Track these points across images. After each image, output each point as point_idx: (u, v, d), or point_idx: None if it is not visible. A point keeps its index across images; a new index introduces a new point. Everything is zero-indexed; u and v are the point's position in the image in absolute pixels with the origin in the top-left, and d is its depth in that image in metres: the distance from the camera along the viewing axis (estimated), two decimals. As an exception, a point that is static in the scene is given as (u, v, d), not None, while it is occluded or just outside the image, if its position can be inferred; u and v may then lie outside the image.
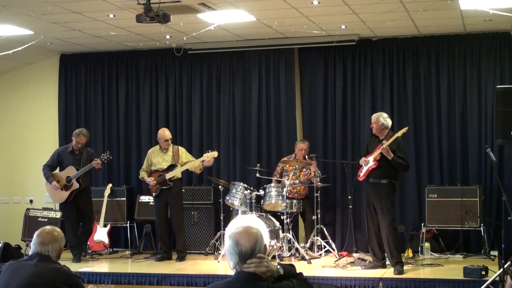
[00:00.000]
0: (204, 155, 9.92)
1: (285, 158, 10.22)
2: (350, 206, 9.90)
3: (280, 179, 10.21)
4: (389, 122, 8.76)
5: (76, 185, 9.92)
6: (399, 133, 8.57)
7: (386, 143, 8.44)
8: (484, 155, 10.09)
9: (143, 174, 10.13)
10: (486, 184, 10.25)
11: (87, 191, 10.25)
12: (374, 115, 8.83)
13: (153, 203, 10.69)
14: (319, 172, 10.30)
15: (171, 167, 9.91)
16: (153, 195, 10.11)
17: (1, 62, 10.73)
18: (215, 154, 9.91)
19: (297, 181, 10.12)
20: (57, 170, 10.12)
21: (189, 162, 9.97)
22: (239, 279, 3.63)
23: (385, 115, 8.80)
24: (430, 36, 10.57)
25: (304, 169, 10.29)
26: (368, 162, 8.62)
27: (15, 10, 8.68)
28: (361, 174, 8.74)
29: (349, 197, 9.90)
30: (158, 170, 9.97)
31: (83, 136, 9.99)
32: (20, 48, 9.88)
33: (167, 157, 10.01)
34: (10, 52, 9.87)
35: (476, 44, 10.43)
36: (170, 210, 9.98)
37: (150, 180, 9.94)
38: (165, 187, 9.89)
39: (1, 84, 12.20)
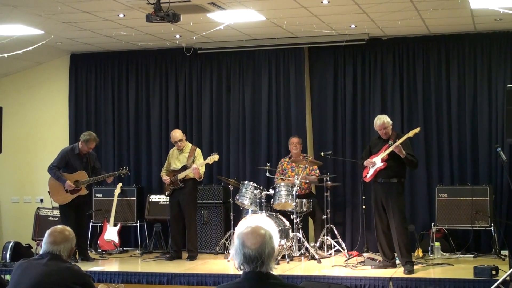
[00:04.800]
0: (208, 157, 9.93)
1: (285, 159, 10.26)
2: (364, 206, 9.87)
3: (283, 177, 10.21)
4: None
5: (84, 191, 9.91)
6: (411, 133, 8.59)
7: (398, 142, 8.43)
8: (494, 155, 10.03)
9: (162, 173, 10.21)
10: (496, 183, 10.21)
11: (87, 196, 10.23)
12: (379, 121, 8.71)
13: (163, 203, 10.75)
14: (316, 173, 10.29)
15: (184, 168, 9.93)
16: (166, 194, 10.14)
17: (12, 61, 10.74)
18: (216, 157, 9.89)
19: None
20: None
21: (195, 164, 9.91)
22: (248, 278, 3.62)
23: (385, 115, 8.83)
24: (440, 35, 10.53)
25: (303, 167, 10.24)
26: (375, 163, 8.61)
27: (25, 10, 8.70)
28: (368, 175, 8.73)
29: (363, 197, 9.84)
30: (174, 170, 10.02)
31: (94, 142, 9.93)
32: (30, 48, 9.87)
33: (182, 158, 10.04)
34: (20, 51, 9.86)
35: (487, 43, 10.39)
36: (183, 209, 9.99)
37: (166, 179, 10.00)
38: (177, 187, 9.93)
39: (12, 83, 12.24)
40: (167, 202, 10.41)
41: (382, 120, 8.69)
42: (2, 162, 11.55)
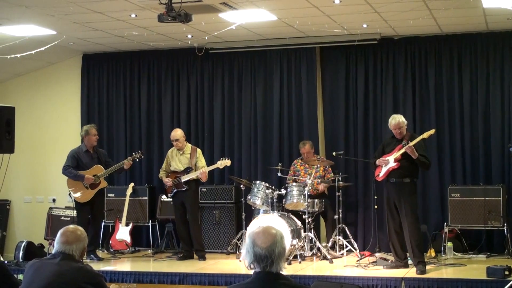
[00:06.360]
0: (218, 162, 9.92)
1: (299, 160, 10.31)
2: (376, 206, 9.83)
3: (295, 177, 10.22)
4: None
5: (104, 183, 10.03)
6: (426, 135, 8.54)
7: (411, 143, 8.39)
8: (507, 154, 10.02)
9: (161, 174, 10.19)
10: (509, 183, 10.14)
11: (103, 192, 10.31)
12: (393, 121, 8.66)
13: (174, 202, 10.76)
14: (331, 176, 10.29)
15: (187, 170, 9.92)
16: (169, 195, 10.15)
17: (24, 62, 10.76)
18: (228, 162, 9.90)
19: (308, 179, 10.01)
20: None
21: (201, 168, 9.86)
22: (258, 279, 3.63)
23: (400, 115, 8.78)
24: (452, 34, 10.49)
25: (316, 167, 10.24)
26: (388, 162, 8.58)
27: (38, 11, 8.73)
28: (381, 174, 8.70)
29: (375, 197, 9.80)
30: (176, 171, 10.00)
31: (92, 128, 10.04)
32: (43, 48, 9.90)
33: (183, 159, 10.00)
34: (33, 52, 9.89)
35: (499, 43, 10.32)
36: (187, 210, 9.97)
37: (167, 181, 9.97)
38: (181, 190, 9.90)
39: (24, 83, 12.26)
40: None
41: (397, 120, 8.64)
42: (14, 162, 11.47)
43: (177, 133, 10.04)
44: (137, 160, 10.27)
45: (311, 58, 11.00)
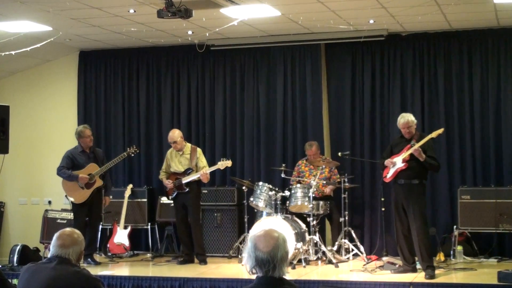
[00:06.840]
0: (219, 163, 9.79)
1: (303, 161, 10.25)
2: (383, 209, 9.78)
3: (299, 178, 10.15)
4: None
5: (100, 182, 9.86)
6: (434, 134, 8.46)
7: (417, 144, 8.32)
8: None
9: (162, 176, 10.07)
10: (521, 185, 10.10)
11: (101, 192, 10.15)
12: (402, 120, 8.56)
13: (174, 204, 10.61)
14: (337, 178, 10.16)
15: (188, 171, 9.76)
16: (169, 198, 10.03)
17: (20, 59, 10.74)
18: (229, 163, 9.74)
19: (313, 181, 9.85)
20: None
21: (202, 168, 9.72)
22: (261, 284, 3.59)
23: (409, 114, 8.69)
24: (462, 30, 10.42)
25: (321, 168, 10.11)
26: (395, 163, 8.47)
27: (33, 6, 8.67)
28: (388, 176, 8.60)
29: (382, 199, 9.76)
30: (176, 172, 9.85)
31: (85, 129, 9.90)
32: (38, 45, 9.85)
33: (184, 160, 9.87)
34: (28, 49, 9.85)
35: (511, 39, 10.25)
36: (188, 213, 9.86)
37: (168, 183, 9.81)
38: (182, 192, 9.78)
39: (19, 81, 12.20)
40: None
41: (406, 119, 8.55)
42: (9, 162, 11.37)
43: (175, 134, 9.89)
44: (132, 155, 10.18)
45: (315, 55, 10.92)
